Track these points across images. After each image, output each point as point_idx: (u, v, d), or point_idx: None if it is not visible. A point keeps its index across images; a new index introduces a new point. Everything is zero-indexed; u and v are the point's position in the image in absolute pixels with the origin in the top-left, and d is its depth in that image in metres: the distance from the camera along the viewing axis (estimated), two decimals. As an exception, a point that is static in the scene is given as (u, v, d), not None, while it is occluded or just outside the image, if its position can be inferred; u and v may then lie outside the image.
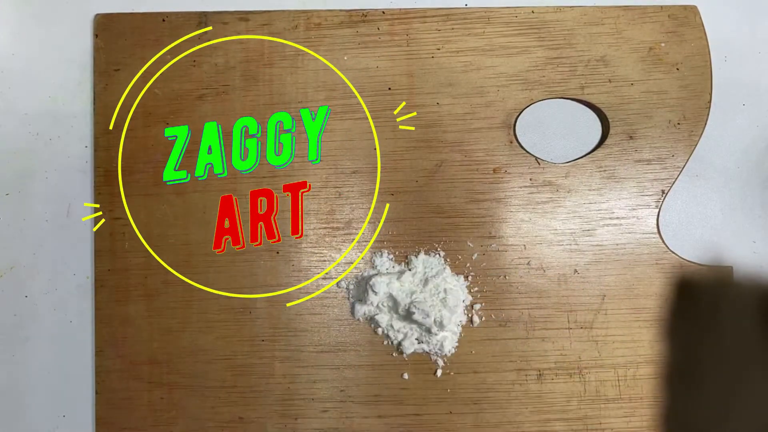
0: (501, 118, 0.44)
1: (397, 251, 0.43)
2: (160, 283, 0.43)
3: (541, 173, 0.44)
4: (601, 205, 0.43)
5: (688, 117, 0.44)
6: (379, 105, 0.44)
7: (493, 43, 0.44)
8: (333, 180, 0.44)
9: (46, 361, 0.44)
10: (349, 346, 0.43)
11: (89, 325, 0.44)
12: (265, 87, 0.44)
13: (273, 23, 0.44)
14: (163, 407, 0.43)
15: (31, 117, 0.45)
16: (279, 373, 0.43)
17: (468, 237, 0.43)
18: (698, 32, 0.44)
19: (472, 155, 0.44)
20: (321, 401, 0.43)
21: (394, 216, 0.44)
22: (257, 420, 0.43)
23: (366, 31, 0.44)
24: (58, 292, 0.44)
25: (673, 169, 0.43)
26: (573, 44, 0.44)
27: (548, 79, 0.44)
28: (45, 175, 0.45)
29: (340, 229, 0.44)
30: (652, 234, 0.43)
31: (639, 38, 0.44)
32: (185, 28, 0.44)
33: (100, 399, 0.43)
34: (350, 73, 0.44)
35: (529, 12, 0.44)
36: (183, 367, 0.43)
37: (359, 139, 0.44)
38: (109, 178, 0.44)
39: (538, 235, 0.43)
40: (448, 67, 0.44)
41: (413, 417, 0.43)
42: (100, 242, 0.44)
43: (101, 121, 0.44)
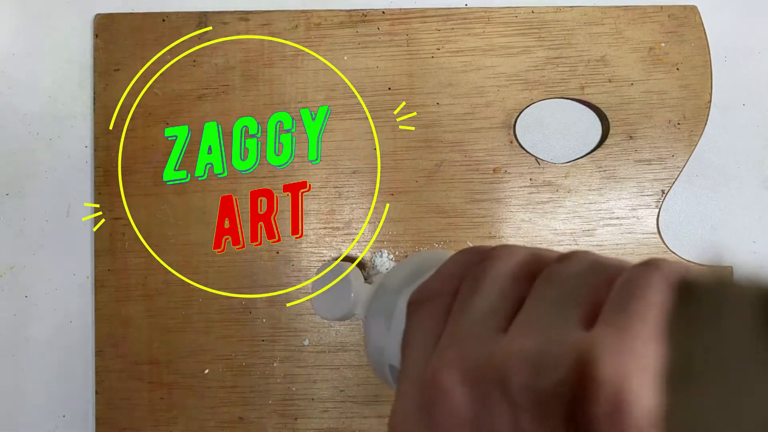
0: (501, 118, 0.44)
1: (397, 251, 0.43)
2: (160, 283, 0.43)
3: (541, 173, 0.44)
4: (601, 205, 0.43)
5: (688, 117, 0.44)
6: (379, 105, 0.44)
7: (493, 43, 0.44)
8: (333, 180, 0.44)
9: (46, 361, 0.44)
10: (349, 346, 0.43)
11: (89, 325, 0.44)
12: (265, 87, 0.44)
13: (273, 23, 0.44)
14: (163, 407, 0.43)
15: (31, 117, 0.45)
16: (279, 373, 0.43)
17: (468, 237, 0.43)
18: (698, 32, 0.44)
19: (472, 155, 0.44)
20: (321, 401, 0.43)
21: (394, 216, 0.44)
22: (257, 420, 0.43)
23: (366, 31, 0.44)
24: (58, 292, 0.44)
25: (673, 169, 0.43)
26: (573, 44, 0.44)
27: (548, 79, 0.44)
28: (45, 175, 0.45)
29: (340, 229, 0.44)
30: (652, 234, 0.43)
31: (639, 38, 0.44)
32: (185, 28, 0.44)
33: (100, 399, 0.43)
34: (350, 73, 0.44)
35: (529, 12, 0.44)
36: (183, 367, 0.43)
37: (359, 139, 0.44)
38: (109, 178, 0.44)
39: (538, 235, 0.43)
40: (448, 67, 0.44)
41: (413, 417, 0.43)
42: (100, 242, 0.44)
43: (101, 121, 0.44)
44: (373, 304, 0.28)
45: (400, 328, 0.21)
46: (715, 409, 0.11)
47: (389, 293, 0.26)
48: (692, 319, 0.12)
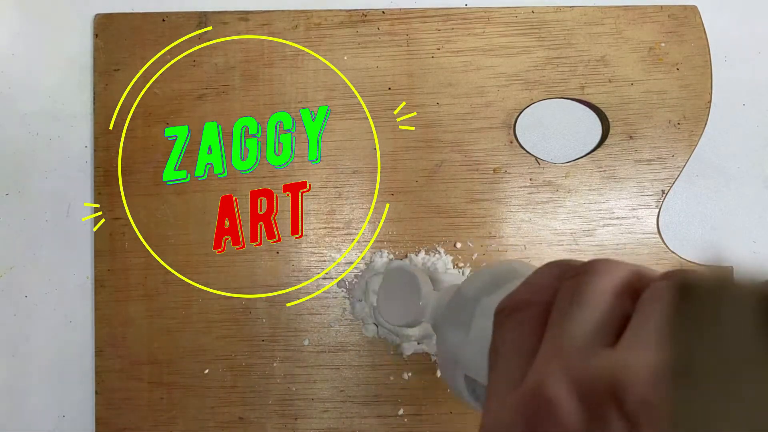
0: (501, 118, 0.44)
1: (397, 251, 0.43)
2: (160, 283, 0.43)
3: (541, 173, 0.44)
4: (601, 205, 0.43)
5: (688, 117, 0.44)
6: (379, 105, 0.44)
7: (493, 43, 0.44)
8: (333, 180, 0.44)
9: (46, 361, 0.44)
10: (349, 346, 0.43)
11: (89, 325, 0.44)
12: (265, 87, 0.44)
13: (273, 23, 0.44)
14: (163, 407, 0.43)
15: (31, 117, 0.45)
16: (279, 373, 0.43)
17: (468, 237, 0.43)
18: (698, 32, 0.44)
19: (472, 155, 0.44)
20: (321, 401, 0.43)
21: (394, 216, 0.44)
22: (257, 420, 0.43)
23: (366, 31, 0.44)
24: (58, 292, 0.44)
25: (673, 169, 0.43)
26: (573, 44, 0.44)
27: (548, 79, 0.44)
28: (45, 175, 0.45)
29: (340, 229, 0.44)
30: (652, 234, 0.43)
31: (639, 38, 0.44)
32: (185, 28, 0.44)
33: (100, 399, 0.43)
34: (350, 73, 0.44)
35: (529, 12, 0.44)
36: (183, 367, 0.43)
37: (359, 139, 0.44)
38: (109, 178, 0.44)
39: (538, 235, 0.43)
40: (448, 67, 0.44)
41: (413, 417, 0.43)
42: (100, 242, 0.44)
43: (101, 121, 0.44)
44: (448, 312, 0.28)
45: (481, 338, 0.21)
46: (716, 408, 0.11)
47: (467, 300, 0.26)
48: (692, 319, 0.12)
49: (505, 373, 0.18)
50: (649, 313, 0.16)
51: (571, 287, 0.18)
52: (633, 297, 0.17)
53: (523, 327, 0.18)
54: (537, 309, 0.19)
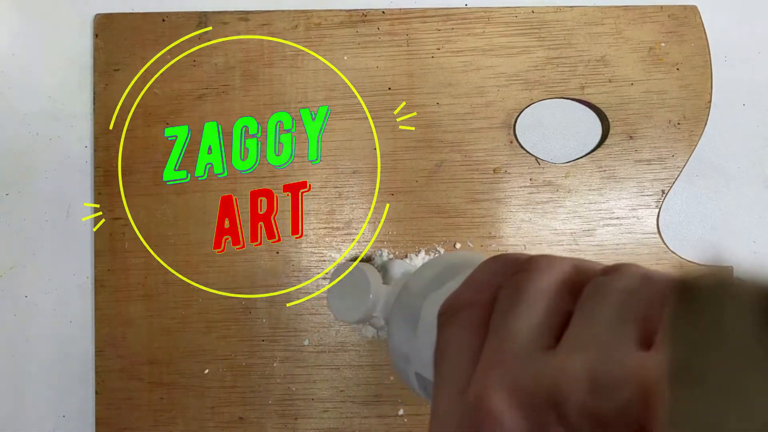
0: (501, 118, 0.44)
1: (397, 251, 0.43)
2: (160, 283, 0.43)
3: (541, 173, 0.44)
4: (601, 205, 0.43)
5: (688, 117, 0.44)
6: (379, 105, 0.44)
7: (493, 43, 0.44)
8: (333, 180, 0.44)
9: (46, 361, 0.44)
10: (349, 346, 0.43)
11: (89, 325, 0.44)
12: (265, 87, 0.44)
13: (273, 23, 0.44)
14: (163, 407, 0.43)
15: (31, 117, 0.45)
16: (279, 373, 0.43)
17: (468, 237, 0.43)
18: (698, 32, 0.44)
19: (472, 155, 0.44)
20: (321, 401, 0.43)
21: (394, 216, 0.44)
22: (257, 420, 0.43)
23: (366, 31, 0.44)
24: (58, 292, 0.44)
25: (673, 169, 0.43)
26: (573, 44, 0.44)
27: (548, 79, 0.44)
28: (45, 175, 0.45)
29: (340, 229, 0.44)
30: (652, 234, 0.43)
31: (639, 38, 0.44)
32: (185, 28, 0.44)
33: (100, 399, 0.43)
34: (350, 73, 0.44)
35: (529, 12, 0.44)
36: (183, 367, 0.43)
37: (359, 139, 0.44)
38: (109, 178, 0.44)
39: (538, 235, 0.43)
40: (448, 67, 0.44)
41: (413, 417, 0.43)
42: (100, 242, 0.44)
43: (101, 121, 0.44)
44: (396, 308, 0.27)
45: (428, 336, 0.20)
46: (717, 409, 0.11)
47: (414, 297, 0.25)
48: (692, 320, 0.12)
49: (450, 377, 0.18)
50: (589, 311, 0.16)
51: (511, 286, 0.18)
52: (574, 293, 0.17)
53: (465, 329, 0.18)
54: (479, 310, 0.18)
